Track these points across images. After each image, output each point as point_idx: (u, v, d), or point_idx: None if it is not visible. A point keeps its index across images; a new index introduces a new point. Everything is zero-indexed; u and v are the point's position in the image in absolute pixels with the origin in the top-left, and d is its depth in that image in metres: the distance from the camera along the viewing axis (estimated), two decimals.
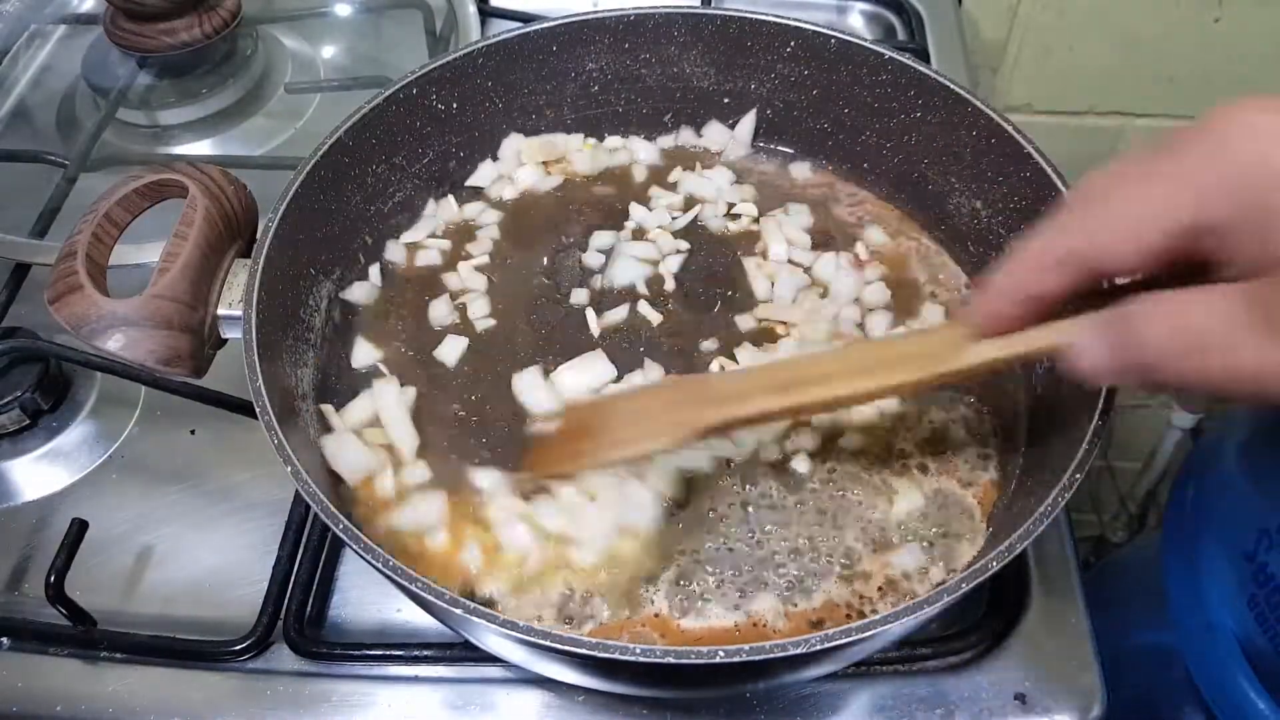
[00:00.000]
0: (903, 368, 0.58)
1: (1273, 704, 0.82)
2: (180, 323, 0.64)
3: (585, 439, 0.67)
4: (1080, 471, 0.58)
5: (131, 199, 0.68)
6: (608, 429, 0.66)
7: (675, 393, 0.67)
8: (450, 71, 0.83)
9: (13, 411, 0.84)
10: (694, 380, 0.71)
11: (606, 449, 0.65)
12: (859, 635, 0.51)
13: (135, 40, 1.08)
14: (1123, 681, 0.74)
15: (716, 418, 0.62)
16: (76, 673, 0.73)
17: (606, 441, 0.66)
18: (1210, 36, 1.28)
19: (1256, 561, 0.83)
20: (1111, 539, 1.73)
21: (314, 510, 0.58)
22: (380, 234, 0.85)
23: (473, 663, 0.72)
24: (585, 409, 0.71)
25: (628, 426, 0.66)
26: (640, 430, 0.65)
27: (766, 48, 0.87)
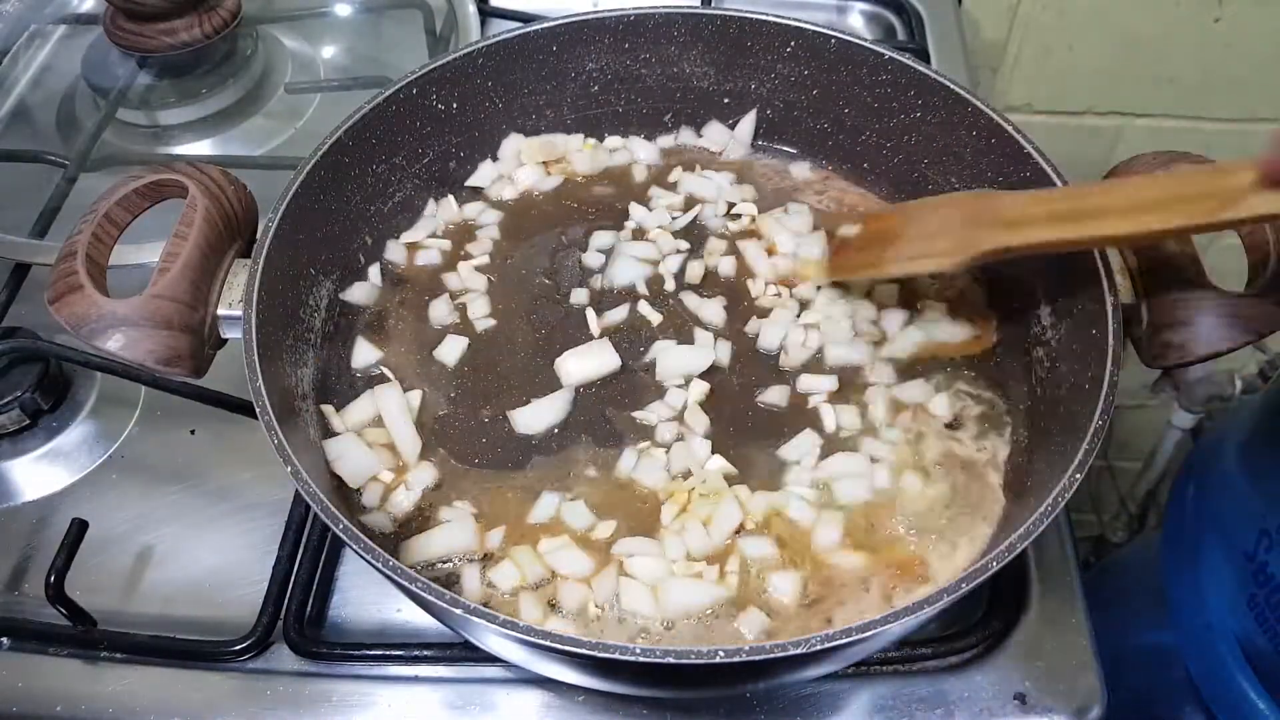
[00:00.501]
0: (1184, 209, 0.55)
1: (1273, 704, 0.82)
2: (180, 323, 0.64)
3: (883, 246, 0.70)
4: (1080, 471, 0.58)
5: (131, 199, 0.68)
6: (904, 238, 0.69)
7: (968, 209, 0.68)
8: (450, 71, 0.83)
9: (13, 411, 0.84)
10: (985, 199, 0.71)
11: (901, 260, 0.69)
12: (859, 635, 0.51)
13: (135, 40, 1.08)
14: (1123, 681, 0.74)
15: (1000, 242, 0.63)
16: (76, 673, 0.73)
17: (901, 252, 0.69)
18: (1210, 36, 1.28)
19: (1256, 561, 0.83)
20: (1111, 539, 1.73)
21: (314, 510, 0.58)
22: (380, 234, 0.85)
23: (473, 663, 0.72)
24: (886, 217, 0.74)
25: (922, 240, 0.68)
26: (932, 245, 0.67)
27: (766, 48, 0.87)
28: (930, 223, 0.69)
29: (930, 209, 0.73)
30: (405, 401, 0.75)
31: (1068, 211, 0.61)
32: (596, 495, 0.71)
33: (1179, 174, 0.60)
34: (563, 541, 0.68)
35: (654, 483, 0.71)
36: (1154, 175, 0.63)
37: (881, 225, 0.74)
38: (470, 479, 0.73)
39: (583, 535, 0.69)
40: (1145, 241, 0.64)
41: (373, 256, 0.85)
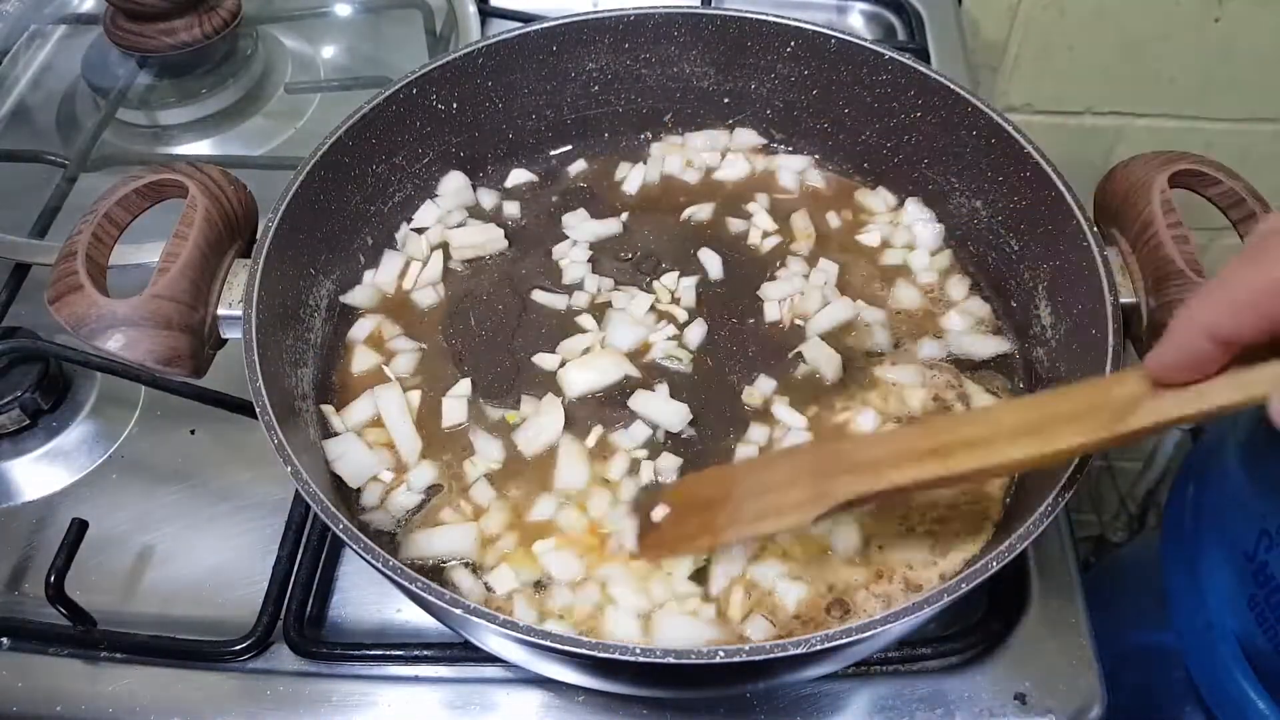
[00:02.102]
0: (1071, 428, 0.51)
1: (1273, 704, 0.81)
2: (180, 323, 0.64)
3: (705, 516, 0.62)
4: (1080, 471, 0.57)
5: (131, 199, 0.68)
6: (731, 504, 0.62)
7: (807, 461, 0.61)
8: (450, 71, 0.83)
9: (13, 411, 0.84)
10: (827, 448, 0.65)
11: (730, 528, 0.61)
12: (859, 635, 0.51)
13: (135, 40, 1.08)
14: (1123, 681, 0.74)
15: (854, 489, 0.56)
16: (76, 673, 0.73)
17: (730, 519, 0.61)
18: (1210, 36, 1.28)
19: (1256, 561, 0.83)
20: (1111, 539, 1.73)
21: (314, 510, 0.58)
22: (380, 234, 0.85)
23: (473, 663, 0.72)
24: (704, 481, 0.66)
25: (754, 500, 0.61)
26: (768, 505, 0.60)
27: (766, 48, 0.87)
28: (772, 476, 0.62)
29: (766, 465, 0.67)
30: (405, 401, 0.75)
31: (939, 445, 0.55)
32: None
33: (1057, 393, 0.56)
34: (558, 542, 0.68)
35: None
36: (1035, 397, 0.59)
37: (701, 490, 0.65)
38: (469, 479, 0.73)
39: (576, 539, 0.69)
40: (1029, 468, 0.58)
41: (373, 257, 0.85)
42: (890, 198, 0.89)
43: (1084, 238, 0.69)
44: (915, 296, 0.83)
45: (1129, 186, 0.70)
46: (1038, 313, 0.77)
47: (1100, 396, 0.51)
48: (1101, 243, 0.68)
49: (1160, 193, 0.68)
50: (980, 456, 0.53)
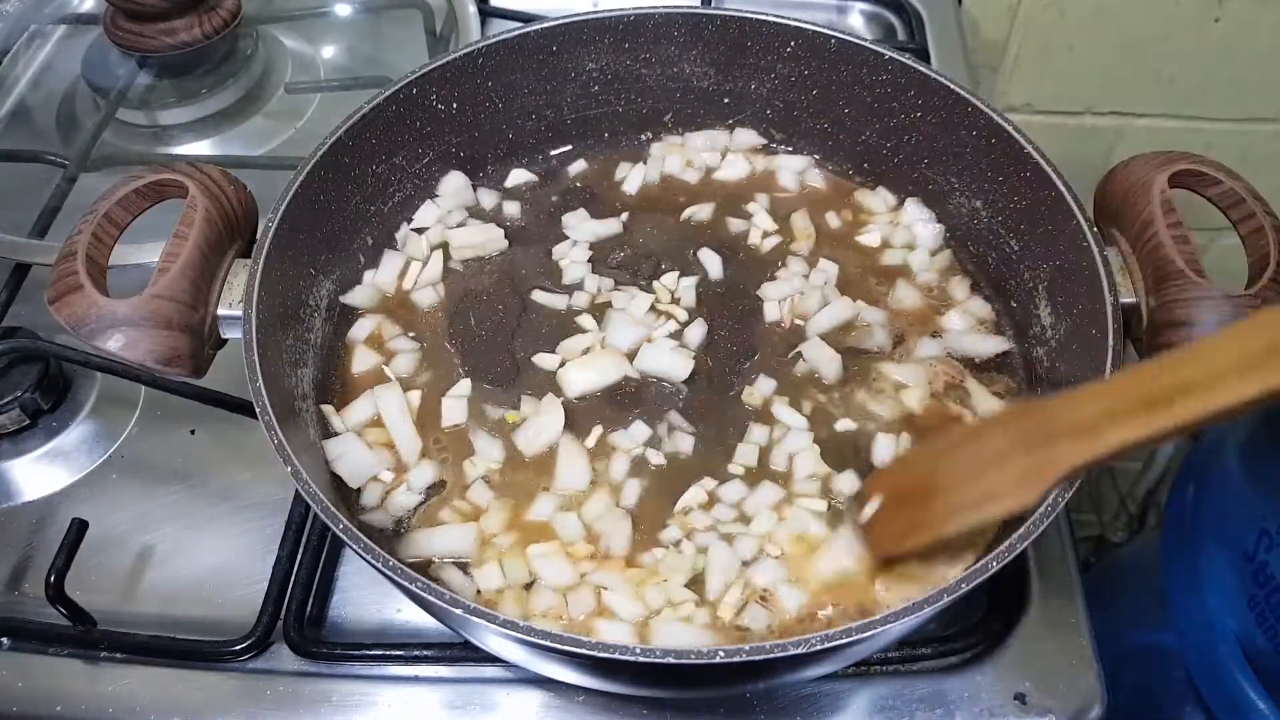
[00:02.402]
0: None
1: (1273, 704, 0.82)
2: (180, 323, 0.64)
3: (920, 506, 0.59)
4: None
5: (131, 199, 0.68)
6: (949, 488, 0.58)
7: (1020, 429, 0.56)
8: (450, 71, 0.83)
9: (13, 411, 0.84)
10: (1035, 411, 0.57)
11: (957, 513, 0.57)
12: (859, 635, 0.51)
13: (135, 40, 1.08)
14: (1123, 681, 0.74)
15: (1080, 458, 0.52)
16: (76, 673, 0.73)
17: (953, 502, 0.57)
18: (1210, 36, 1.28)
19: (1256, 561, 0.83)
20: (1111, 539, 1.73)
21: (314, 510, 0.58)
22: (380, 234, 0.85)
23: (473, 663, 0.72)
24: (914, 465, 0.62)
25: (971, 482, 0.57)
26: (987, 486, 0.55)
27: (766, 48, 0.87)
28: (977, 458, 0.57)
29: (974, 437, 0.60)
30: (405, 401, 0.75)
31: (1144, 397, 0.50)
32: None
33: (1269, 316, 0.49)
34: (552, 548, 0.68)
35: None
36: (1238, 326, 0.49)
37: (909, 480, 0.61)
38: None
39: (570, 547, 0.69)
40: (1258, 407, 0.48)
41: (373, 257, 0.85)
42: (890, 198, 0.89)
43: (1084, 238, 0.69)
44: (915, 296, 0.83)
45: (1129, 186, 0.70)
46: (1038, 313, 0.77)
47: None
48: (1101, 243, 0.68)
49: (1160, 193, 0.68)
50: (1206, 399, 0.47)
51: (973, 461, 0.58)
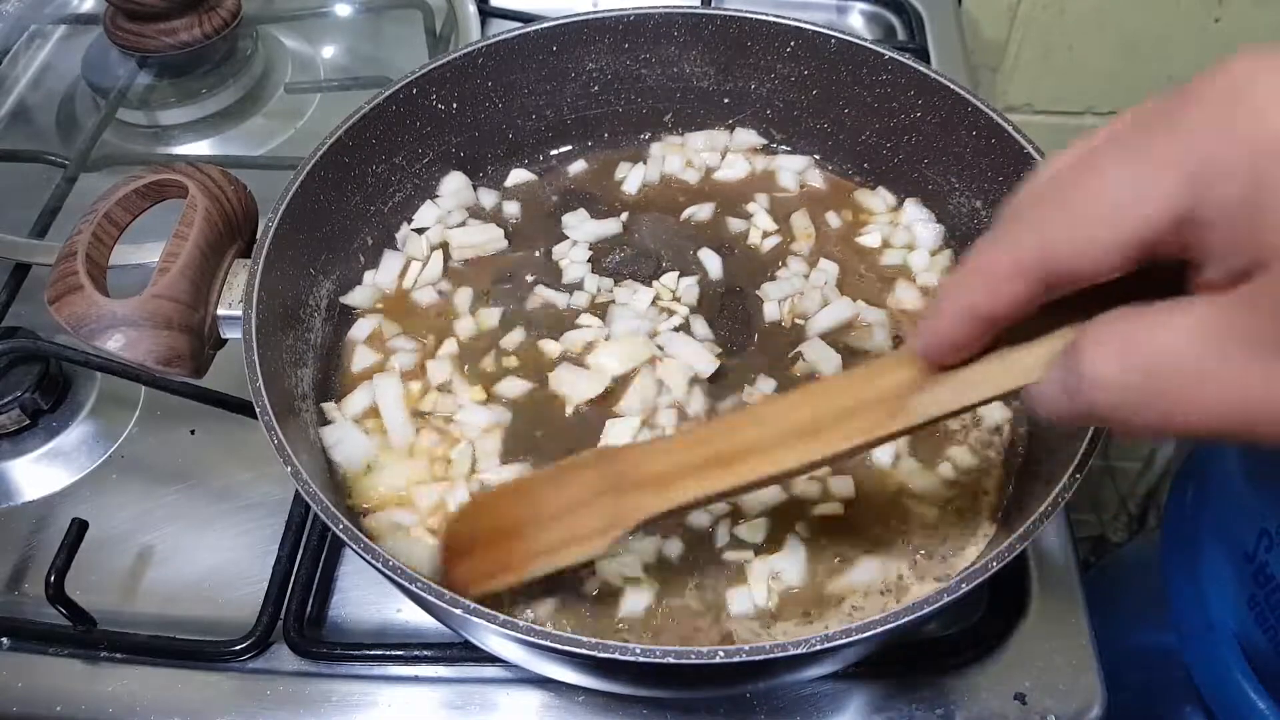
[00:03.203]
0: (844, 429, 0.49)
1: (1273, 704, 0.81)
2: (180, 323, 0.64)
3: (503, 548, 0.59)
4: (1080, 471, 0.57)
5: (131, 199, 0.68)
6: (535, 528, 0.58)
7: (596, 478, 0.57)
8: (450, 71, 0.83)
9: (13, 411, 0.84)
10: (614, 462, 0.57)
11: (540, 555, 0.57)
12: (859, 635, 0.51)
13: (135, 40, 1.08)
14: (1123, 681, 0.74)
15: (651, 510, 0.53)
16: (76, 673, 0.73)
17: (535, 545, 0.58)
18: (1210, 36, 1.28)
19: (1256, 561, 0.83)
20: (1111, 539, 1.73)
21: (314, 510, 0.58)
22: (380, 234, 0.85)
23: (473, 663, 0.72)
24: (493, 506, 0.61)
25: (557, 524, 0.57)
26: (569, 531, 0.56)
27: (766, 48, 0.87)
28: (569, 494, 0.57)
29: (559, 479, 0.59)
30: (402, 390, 0.76)
31: (713, 458, 0.52)
32: None
33: (835, 383, 0.53)
34: None
35: None
36: (804, 390, 0.52)
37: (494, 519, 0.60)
38: None
39: None
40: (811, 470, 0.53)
41: (373, 257, 0.85)
42: (890, 198, 0.89)
43: None
44: (915, 296, 0.82)
45: None
46: None
47: (874, 387, 0.48)
48: None
49: None
50: (759, 465, 0.51)
51: (561, 503, 0.58)
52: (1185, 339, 0.34)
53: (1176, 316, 0.35)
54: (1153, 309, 0.36)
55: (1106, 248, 0.36)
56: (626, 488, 0.55)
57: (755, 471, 0.51)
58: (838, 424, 0.49)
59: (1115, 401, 0.36)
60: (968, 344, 0.42)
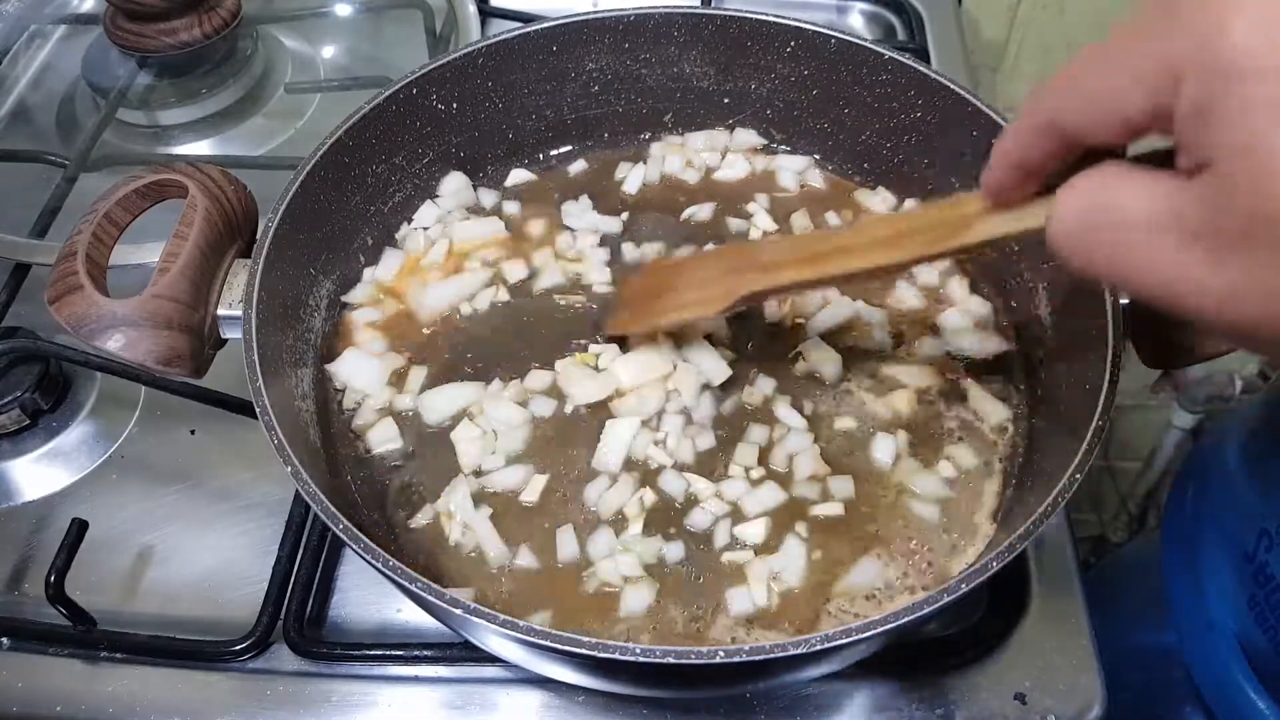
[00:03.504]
0: (917, 241, 0.59)
1: (1273, 704, 0.81)
2: (180, 323, 0.64)
3: (655, 299, 0.75)
4: (1080, 471, 0.57)
5: (131, 199, 0.68)
6: (674, 290, 0.74)
7: (727, 260, 0.72)
8: (450, 71, 0.83)
9: (13, 411, 0.84)
10: (740, 249, 0.78)
11: (671, 310, 0.73)
12: (859, 635, 0.51)
13: (135, 40, 1.08)
14: (1123, 681, 0.74)
15: (759, 285, 0.67)
16: (76, 673, 0.73)
17: (670, 303, 0.74)
18: None
19: (1256, 561, 0.83)
20: (1111, 539, 1.73)
21: (314, 510, 0.58)
22: (380, 234, 0.85)
23: (473, 663, 0.72)
24: (657, 274, 0.79)
25: (692, 290, 0.73)
26: (702, 293, 0.71)
27: (766, 48, 0.87)
28: (698, 274, 0.73)
29: (696, 262, 0.78)
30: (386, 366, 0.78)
31: (814, 254, 0.65)
32: None
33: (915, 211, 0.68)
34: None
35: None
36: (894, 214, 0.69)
37: (650, 281, 0.78)
38: None
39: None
40: (886, 274, 0.72)
41: (373, 257, 0.85)
42: (890, 198, 0.89)
43: None
44: (915, 296, 0.82)
45: None
46: (1037, 312, 0.77)
47: (944, 215, 0.57)
48: None
49: None
50: (848, 261, 0.62)
51: (694, 276, 0.73)
52: (1144, 204, 0.39)
53: (1144, 183, 0.39)
54: (1131, 172, 0.40)
55: (1102, 117, 0.41)
56: (744, 269, 0.69)
57: (845, 266, 0.62)
58: (914, 237, 0.59)
59: (1071, 242, 0.43)
60: (1013, 187, 0.49)
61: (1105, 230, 0.41)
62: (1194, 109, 0.36)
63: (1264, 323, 0.36)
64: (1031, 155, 0.46)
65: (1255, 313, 0.36)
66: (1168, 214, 0.38)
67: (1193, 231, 0.37)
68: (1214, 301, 0.37)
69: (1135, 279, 0.40)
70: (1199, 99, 0.36)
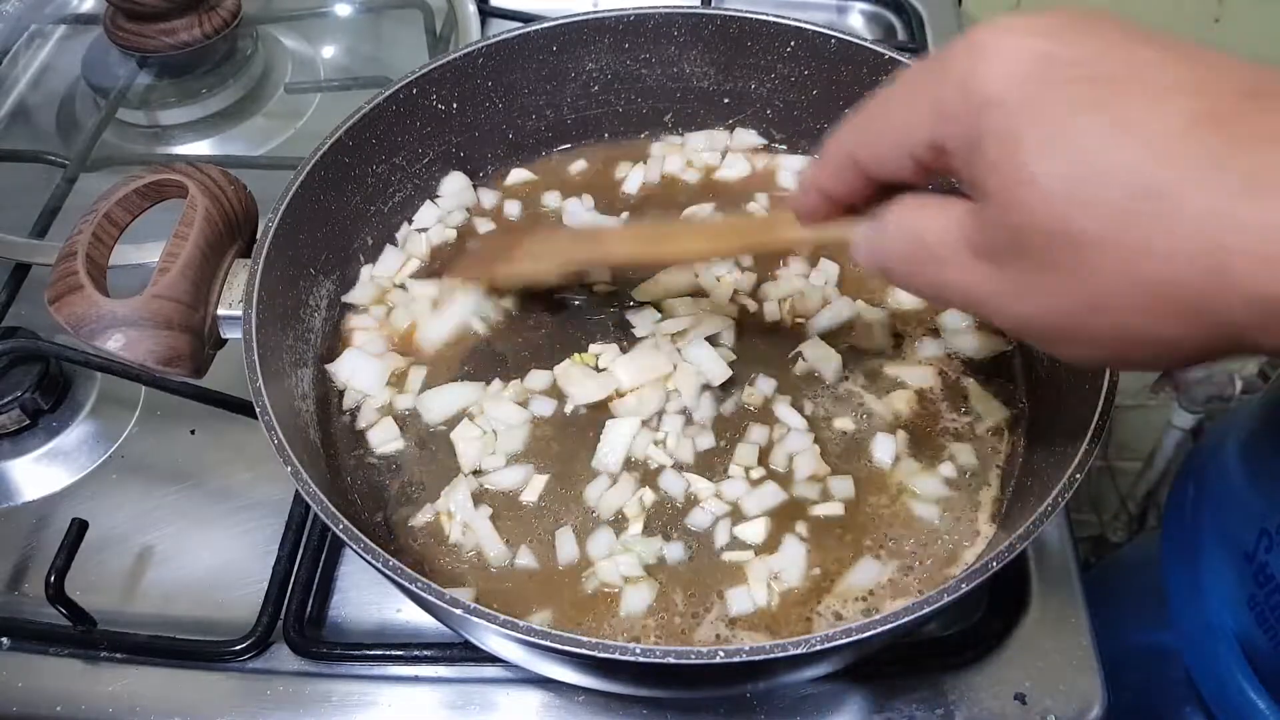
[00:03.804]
0: (739, 236, 0.67)
1: (1273, 704, 0.81)
2: (180, 323, 0.64)
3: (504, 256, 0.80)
4: (1080, 471, 0.58)
5: (131, 199, 0.68)
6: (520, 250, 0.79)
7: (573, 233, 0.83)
8: (450, 71, 0.83)
9: (13, 411, 0.84)
10: (589, 228, 0.87)
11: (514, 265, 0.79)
12: (859, 635, 0.51)
13: (135, 40, 1.08)
14: (1123, 681, 0.74)
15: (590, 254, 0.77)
16: (76, 673, 0.73)
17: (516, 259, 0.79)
18: (1210, 36, 1.28)
19: (1256, 561, 0.83)
20: (1111, 539, 1.73)
21: (314, 510, 0.58)
22: (380, 234, 0.85)
23: (473, 663, 0.72)
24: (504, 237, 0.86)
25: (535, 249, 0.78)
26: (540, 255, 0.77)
27: (766, 48, 0.87)
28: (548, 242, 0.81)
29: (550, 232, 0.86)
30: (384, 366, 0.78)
31: (649, 236, 0.75)
32: None
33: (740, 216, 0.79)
34: None
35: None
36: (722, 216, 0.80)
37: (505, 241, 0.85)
38: None
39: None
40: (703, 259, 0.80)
41: (373, 257, 0.85)
42: None
43: None
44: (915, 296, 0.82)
45: None
46: None
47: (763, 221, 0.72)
48: None
49: None
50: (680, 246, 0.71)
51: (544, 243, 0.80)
52: (940, 226, 0.45)
53: (939, 209, 0.46)
54: (933, 200, 0.47)
55: (889, 154, 0.47)
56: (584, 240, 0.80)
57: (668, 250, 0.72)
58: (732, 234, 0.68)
59: (889, 261, 0.49)
60: (819, 211, 0.54)
61: (910, 252, 0.47)
62: (962, 143, 0.42)
63: (1035, 317, 0.42)
64: (835, 187, 0.51)
65: (1028, 310, 0.42)
66: (959, 234, 0.44)
67: (977, 247, 0.43)
68: (999, 304, 0.43)
69: (942, 291, 0.46)
70: (964, 134, 0.41)
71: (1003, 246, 0.41)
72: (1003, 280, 0.42)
